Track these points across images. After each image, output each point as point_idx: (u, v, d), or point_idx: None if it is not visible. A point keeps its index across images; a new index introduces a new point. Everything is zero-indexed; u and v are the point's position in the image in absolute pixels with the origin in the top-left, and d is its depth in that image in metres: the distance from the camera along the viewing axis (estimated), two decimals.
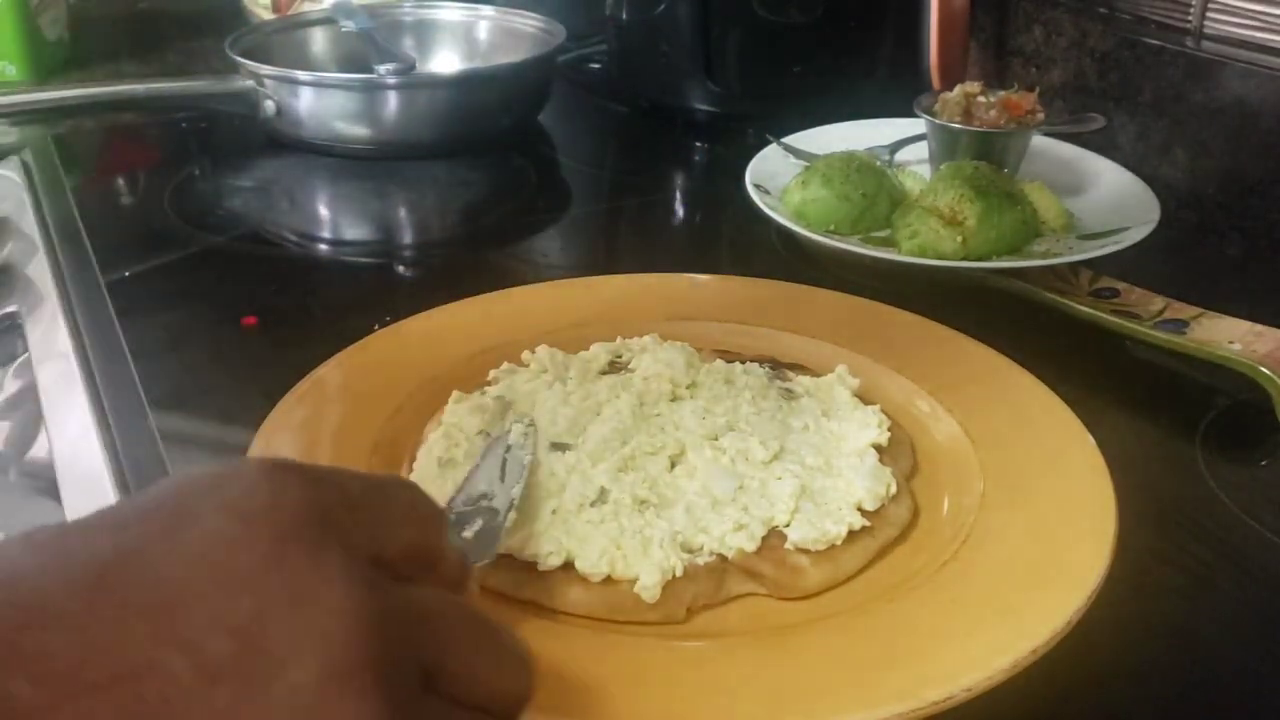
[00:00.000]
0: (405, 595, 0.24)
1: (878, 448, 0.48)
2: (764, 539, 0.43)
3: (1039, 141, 0.78)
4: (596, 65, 1.11)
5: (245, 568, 0.21)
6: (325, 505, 0.23)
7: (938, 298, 0.61)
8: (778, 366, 0.54)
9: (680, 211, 0.89)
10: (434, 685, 0.24)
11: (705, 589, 0.41)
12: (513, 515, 0.41)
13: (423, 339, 0.57)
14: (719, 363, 0.53)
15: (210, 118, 0.99)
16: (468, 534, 0.39)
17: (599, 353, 0.54)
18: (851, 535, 0.43)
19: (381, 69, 0.87)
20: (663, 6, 0.94)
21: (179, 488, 0.23)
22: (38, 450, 0.64)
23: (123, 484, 0.51)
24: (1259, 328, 0.59)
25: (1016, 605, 0.39)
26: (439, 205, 0.88)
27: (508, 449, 0.45)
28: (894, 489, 0.46)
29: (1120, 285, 0.65)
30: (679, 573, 0.41)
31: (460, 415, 0.49)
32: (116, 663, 0.19)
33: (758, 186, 0.74)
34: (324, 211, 0.89)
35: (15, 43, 1.06)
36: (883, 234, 0.70)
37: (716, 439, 0.47)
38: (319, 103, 0.89)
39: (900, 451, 0.49)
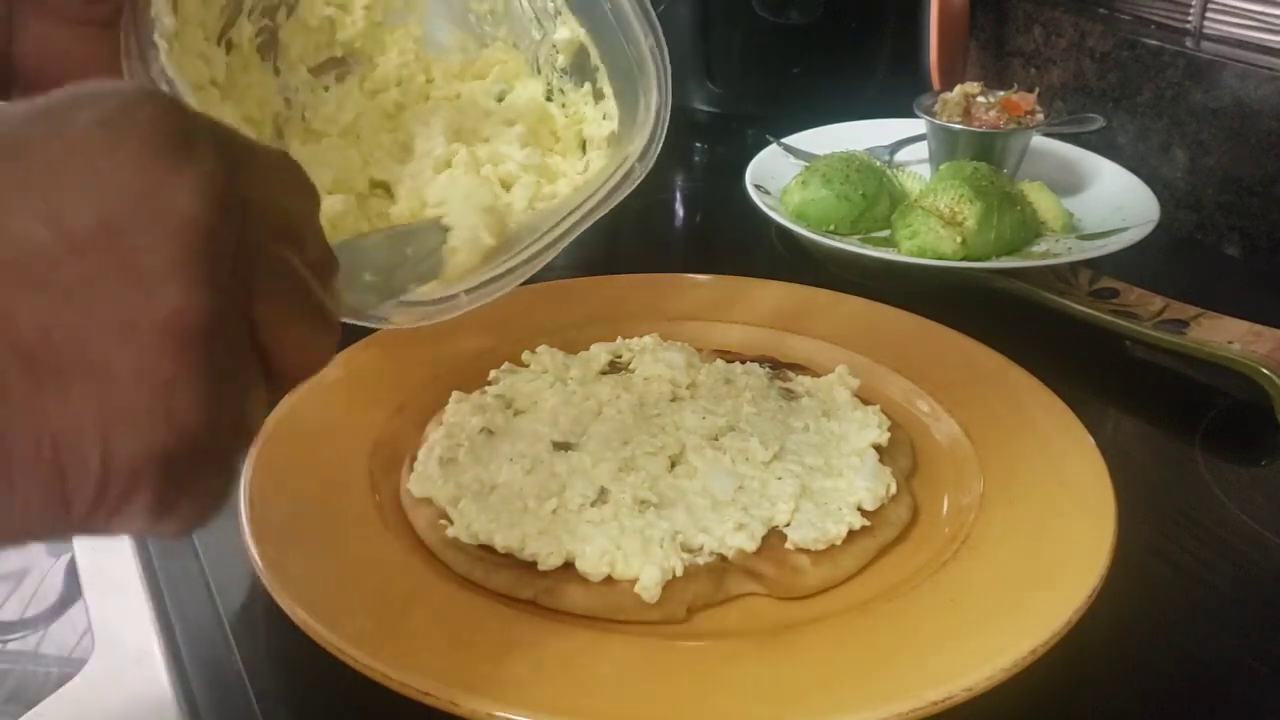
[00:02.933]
0: (251, 235, 0.26)
1: (878, 448, 0.48)
2: (764, 539, 0.43)
3: (1039, 142, 0.78)
4: None
5: (115, 167, 0.24)
6: (197, 132, 0.25)
7: (938, 298, 0.61)
8: (778, 366, 0.54)
9: (680, 211, 0.89)
10: (250, 313, 0.26)
11: (705, 589, 0.41)
12: (465, 244, 0.38)
13: (423, 339, 0.57)
14: (719, 363, 0.54)
15: None
16: (409, 250, 0.36)
17: (599, 353, 0.54)
18: (851, 535, 0.43)
19: None
20: (662, 6, 0.94)
21: (70, 97, 0.25)
22: None
23: None
24: (1259, 328, 0.59)
25: (1016, 605, 0.39)
26: None
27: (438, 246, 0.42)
28: (894, 489, 0.46)
29: (1120, 285, 0.65)
30: (679, 573, 0.41)
31: (461, 415, 0.49)
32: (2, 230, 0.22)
33: (758, 186, 0.74)
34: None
35: None
36: (883, 234, 0.71)
37: (717, 439, 0.47)
38: None
39: (900, 451, 0.49)
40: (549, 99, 0.55)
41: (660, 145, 0.49)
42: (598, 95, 0.54)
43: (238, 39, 0.47)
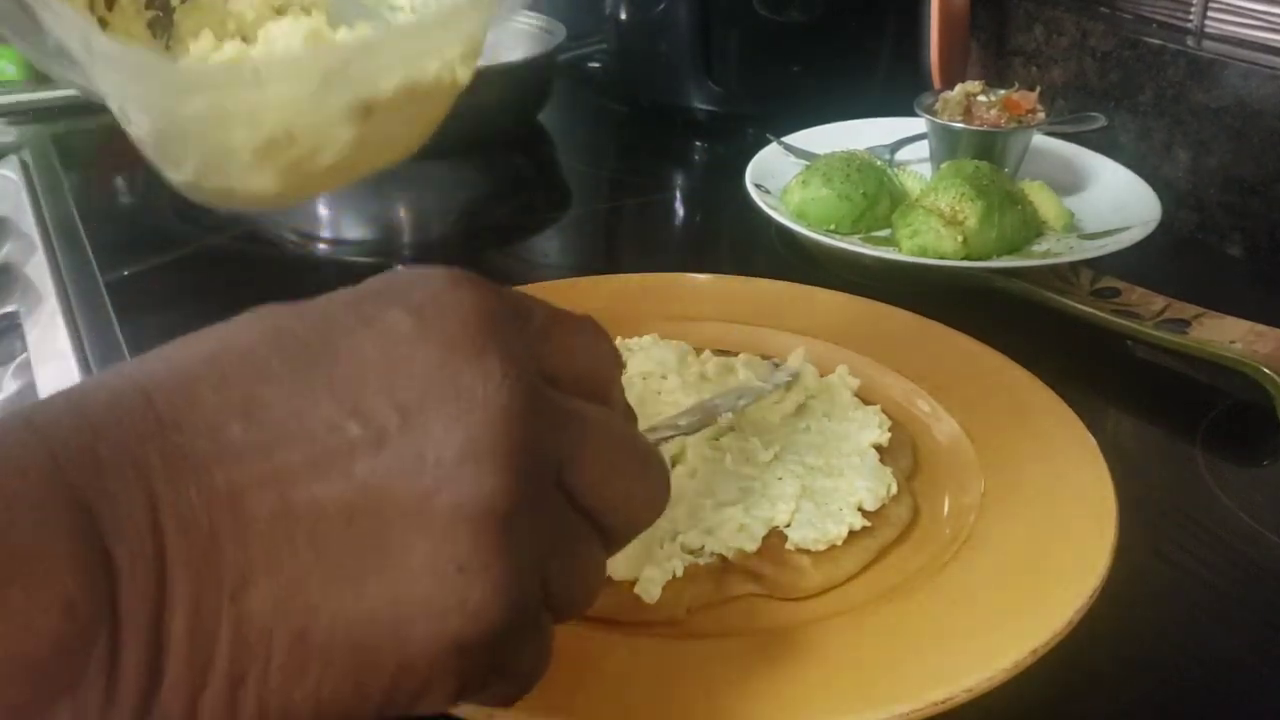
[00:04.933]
0: (560, 398, 0.27)
1: (878, 448, 0.48)
2: (764, 539, 0.43)
3: (1039, 141, 0.78)
4: (596, 65, 1.11)
5: (417, 359, 0.25)
6: (498, 318, 0.26)
7: (938, 298, 0.61)
8: (779, 366, 0.54)
9: (680, 211, 0.89)
10: (562, 480, 0.27)
11: (705, 589, 0.41)
12: (727, 417, 0.43)
13: None
14: (721, 360, 0.53)
15: None
16: (684, 423, 0.41)
17: None
18: (852, 535, 0.43)
19: None
20: (663, 6, 0.94)
21: (381, 287, 0.27)
22: None
23: None
24: (1260, 327, 0.59)
25: (1017, 605, 0.39)
26: (439, 205, 0.88)
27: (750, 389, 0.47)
28: (894, 489, 0.46)
29: (1121, 285, 0.65)
30: (679, 573, 0.41)
31: None
32: (310, 421, 0.24)
33: (758, 186, 0.74)
34: (324, 211, 0.88)
35: None
36: (883, 234, 0.70)
37: (717, 439, 0.47)
38: None
39: (900, 451, 0.49)
40: None
41: None
42: None
43: None
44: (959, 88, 0.75)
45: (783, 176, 0.75)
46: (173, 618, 0.22)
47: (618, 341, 0.55)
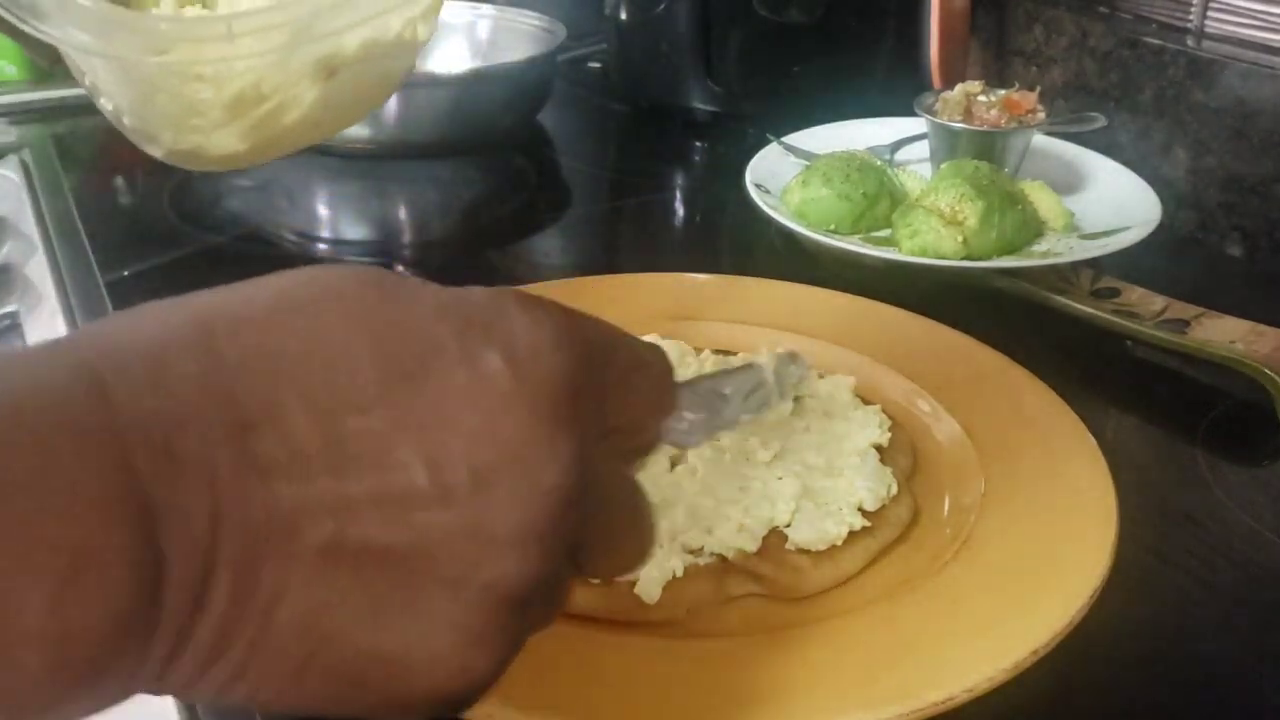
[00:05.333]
0: (600, 477, 0.27)
1: (878, 448, 0.48)
2: (764, 539, 0.43)
3: (1039, 141, 0.78)
4: (596, 65, 1.11)
5: (503, 423, 0.25)
6: (585, 394, 0.26)
7: (938, 298, 0.61)
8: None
9: (680, 211, 0.89)
10: (571, 554, 0.28)
11: (705, 589, 0.41)
12: (724, 429, 0.39)
13: None
14: (718, 358, 0.53)
15: None
16: (690, 415, 0.36)
17: None
18: (852, 536, 0.43)
19: None
20: (663, 6, 0.94)
21: (490, 316, 0.26)
22: None
23: None
24: (1260, 327, 0.59)
25: (1017, 605, 0.39)
26: (439, 205, 0.88)
27: (760, 385, 0.39)
28: (894, 489, 0.46)
29: (1121, 285, 0.65)
30: (679, 573, 0.41)
31: None
32: (388, 455, 0.24)
33: (758, 186, 0.74)
34: (324, 211, 0.89)
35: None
36: (883, 234, 0.70)
37: (717, 439, 0.47)
38: None
39: (901, 451, 0.49)
40: None
41: None
42: None
43: None
44: (959, 88, 0.75)
45: (783, 176, 0.75)
46: (205, 618, 0.22)
47: None
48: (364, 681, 0.24)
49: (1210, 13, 0.81)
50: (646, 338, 0.55)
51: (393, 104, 0.88)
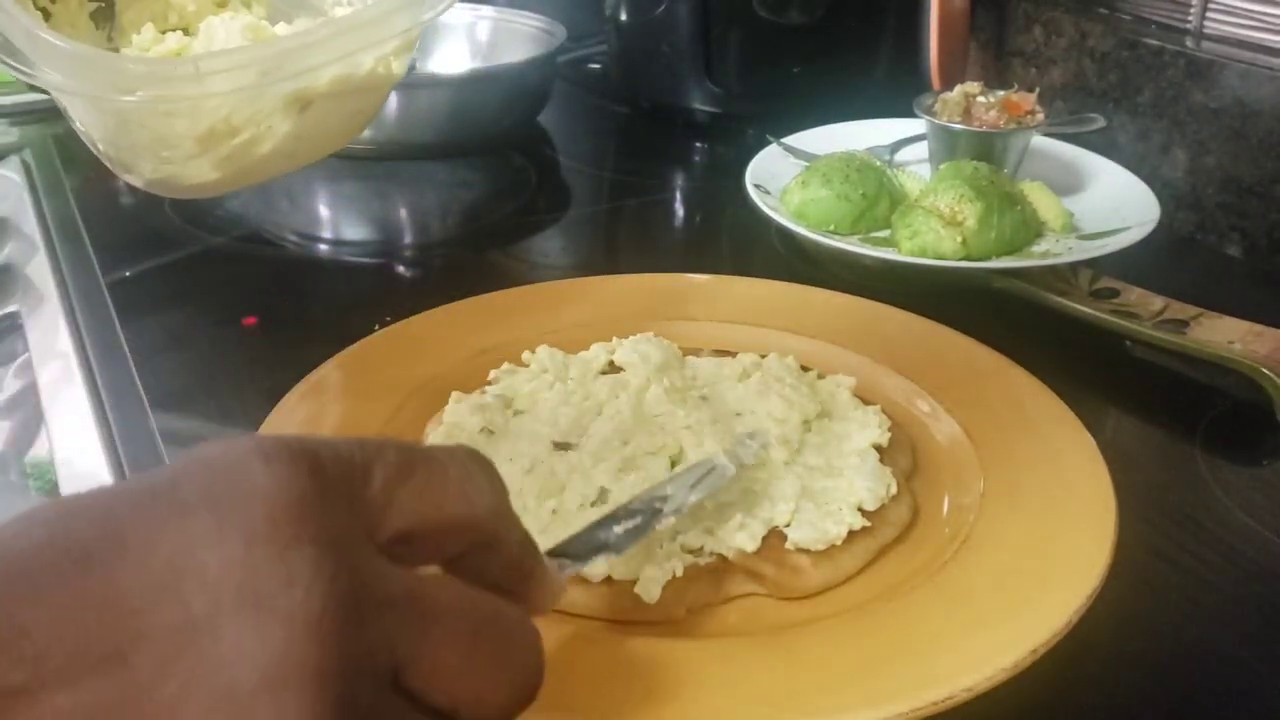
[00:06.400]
0: (404, 586, 0.23)
1: (878, 448, 0.48)
2: (764, 539, 0.43)
3: (1039, 141, 0.78)
4: (596, 65, 1.12)
5: (210, 568, 0.21)
6: (314, 498, 0.22)
7: (938, 298, 0.61)
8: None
9: (680, 211, 0.89)
10: (401, 681, 0.23)
11: (705, 589, 0.41)
12: (670, 520, 0.39)
13: (423, 339, 0.57)
14: (722, 360, 0.53)
15: None
16: (619, 529, 0.37)
17: (599, 353, 0.54)
18: (852, 535, 0.43)
19: None
20: (663, 6, 0.94)
21: (179, 471, 0.23)
22: (38, 450, 0.64)
23: None
24: (1259, 328, 0.59)
25: (1016, 605, 0.39)
26: (439, 205, 0.88)
27: (713, 469, 0.43)
28: (894, 489, 0.46)
29: (1120, 285, 0.65)
30: (679, 573, 0.41)
31: (461, 415, 0.49)
32: (84, 651, 0.20)
33: (758, 186, 0.74)
34: (324, 211, 0.89)
35: None
36: (883, 234, 0.70)
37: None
38: None
39: (900, 451, 0.49)
40: None
41: None
42: None
43: None
44: (958, 89, 0.75)
45: (782, 177, 0.75)
46: None
47: (615, 342, 0.55)
48: None
49: (1209, 14, 0.81)
50: (642, 337, 0.55)
51: (393, 104, 0.88)
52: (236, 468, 0.22)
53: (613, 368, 0.54)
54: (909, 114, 0.78)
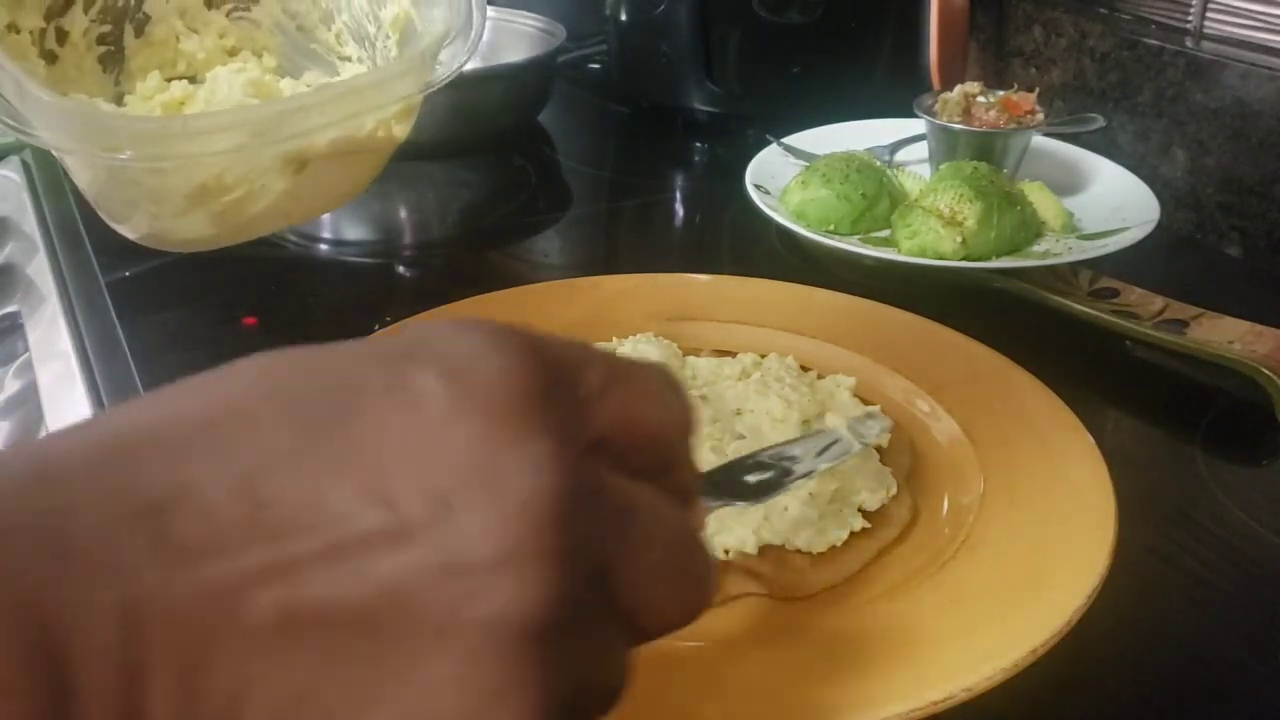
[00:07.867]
0: (610, 487, 0.24)
1: (878, 448, 0.48)
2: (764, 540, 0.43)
3: (1039, 141, 0.78)
4: (596, 65, 1.12)
5: (451, 439, 0.21)
6: (547, 390, 0.23)
7: (938, 298, 0.61)
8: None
9: (680, 211, 0.89)
10: (601, 581, 0.24)
11: None
12: (806, 483, 0.39)
13: None
14: (722, 360, 0.53)
15: None
16: (750, 479, 0.37)
17: None
18: (852, 536, 0.43)
19: None
20: (663, 6, 0.94)
21: (409, 343, 0.23)
22: None
23: None
24: (1259, 328, 0.59)
25: (1016, 605, 0.39)
26: (439, 205, 0.88)
27: (837, 440, 0.42)
28: (894, 489, 0.46)
29: (1120, 285, 0.65)
30: None
31: None
32: (323, 506, 0.21)
33: (758, 186, 0.74)
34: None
35: None
36: (883, 234, 0.70)
37: (720, 441, 0.47)
38: None
39: (900, 451, 0.49)
40: None
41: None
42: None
43: (70, 29, 0.46)
44: (958, 89, 0.75)
45: (782, 177, 0.75)
46: None
47: (615, 342, 0.55)
48: None
49: (1209, 14, 0.81)
50: (643, 337, 0.55)
51: None
52: (470, 346, 0.23)
53: None
54: (909, 114, 0.78)
